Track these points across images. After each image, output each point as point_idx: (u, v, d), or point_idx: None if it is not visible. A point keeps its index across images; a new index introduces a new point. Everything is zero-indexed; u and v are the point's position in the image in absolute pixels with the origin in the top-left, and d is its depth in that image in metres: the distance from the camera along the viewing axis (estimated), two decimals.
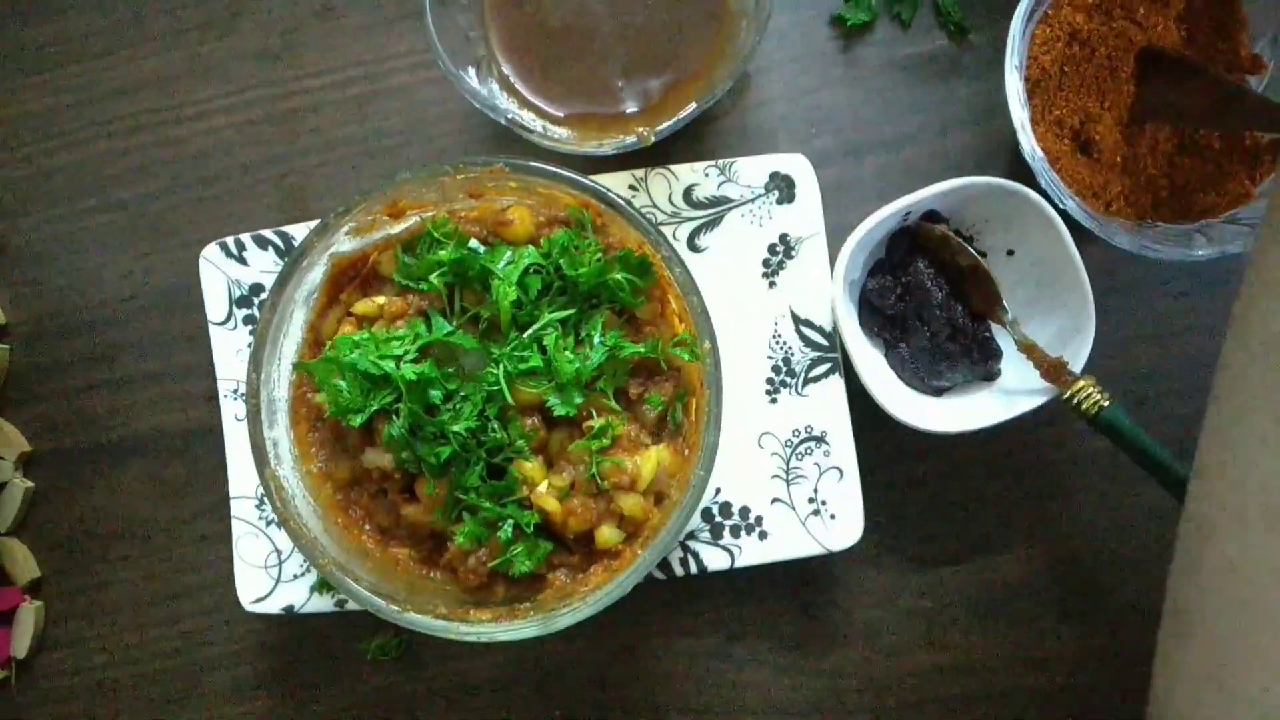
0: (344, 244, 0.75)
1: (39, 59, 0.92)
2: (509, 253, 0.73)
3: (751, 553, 0.80)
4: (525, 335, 0.72)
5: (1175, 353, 0.86)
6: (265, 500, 0.82)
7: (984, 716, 0.85)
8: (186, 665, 0.88)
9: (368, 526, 0.76)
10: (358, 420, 0.71)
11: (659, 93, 0.81)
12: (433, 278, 0.73)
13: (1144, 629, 0.84)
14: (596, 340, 0.72)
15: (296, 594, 0.82)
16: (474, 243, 0.74)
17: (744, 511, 0.81)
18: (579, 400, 0.71)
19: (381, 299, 0.75)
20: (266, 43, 0.91)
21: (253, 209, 0.90)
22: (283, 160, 0.90)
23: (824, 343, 0.82)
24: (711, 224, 0.83)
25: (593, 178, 0.72)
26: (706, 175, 0.82)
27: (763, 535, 0.80)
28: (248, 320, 0.84)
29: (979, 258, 0.80)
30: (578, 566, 0.74)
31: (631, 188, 0.82)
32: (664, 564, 0.80)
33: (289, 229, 0.84)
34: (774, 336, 0.83)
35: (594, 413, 0.73)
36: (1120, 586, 0.85)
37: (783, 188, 0.82)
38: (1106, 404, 0.74)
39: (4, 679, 0.87)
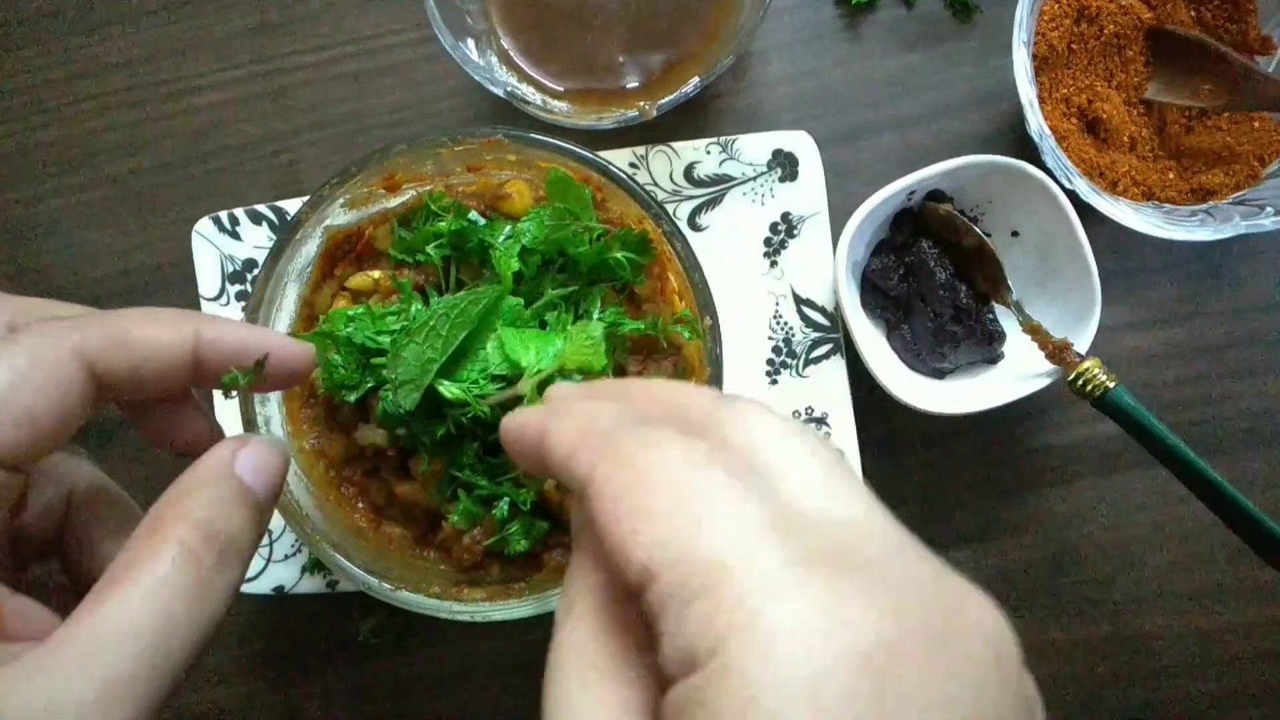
0: (339, 217, 0.73)
1: (28, 32, 0.90)
2: (508, 227, 0.72)
3: None
4: (527, 311, 0.71)
5: (1181, 335, 0.85)
6: None
7: None
8: None
9: (361, 505, 0.75)
10: (353, 397, 0.70)
11: (660, 68, 0.80)
12: (430, 249, 0.72)
13: (1146, 615, 0.84)
14: (595, 317, 0.71)
15: (287, 574, 0.80)
16: (474, 214, 0.73)
17: None
18: (578, 378, 0.70)
19: (377, 273, 0.74)
20: (261, 17, 0.90)
21: (246, 186, 0.89)
22: (277, 137, 0.89)
23: (826, 323, 0.81)
24: (713, 202, 0.82)
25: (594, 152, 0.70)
26: (708, 153, 0.81)
27: None
28: (240, 296, 0.82)
29: (984, 238, 0.79)
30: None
31: (632, 165, 0.81)
32: None
33: (283, 204, 0.82)
34: (775, 317, 0.81)
35: None
36: (1122, 573, 0.84)
37: (785, 166, 0.81)
38: (1111, 385, 0.73)
39: None
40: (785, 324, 0.81)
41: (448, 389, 0.66)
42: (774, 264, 0.82)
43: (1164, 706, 0.83)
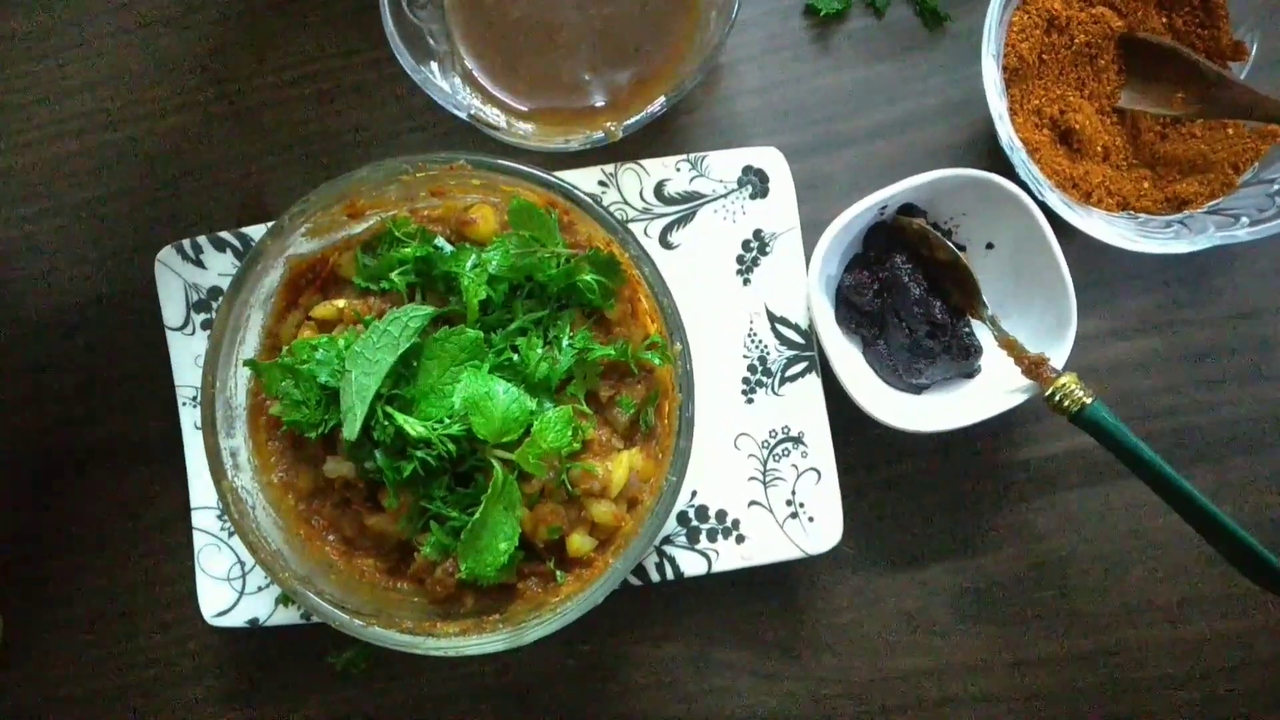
0: (301, 245, 0.72)
1: None
2: (474, 255, 0.71)
3: (729, 557, 0.78)
4: (496, 335, 0.70)
5: (1158, 347, 0.84)
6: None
7: (967, 719, 0.83)
8: (150, 680, 0.85)
9: (331, 537, 0.74)
10: (314, 434, 0.69)
11: (627, 86, 0.79)
12: (394, 275, 0.70)
13: (1125, 627, 0.83)
14: (565, 343, 0.70)
15: (261, 607, 0.79)
16: (440, 240, 0.72)
17: (721, 515, 0.79)
18: (549, 404, 0.69)
19: (341, 302, 0.73)
20: (223, 39, 0.88)
21: (211, 210, 0.87)
22: (241, 160, 0.87)
23: (800, 341, 0.80)
24: (684, 220, 0.81)
25: (560, 173, 0.69)
26: (678, 170, 0.80)
27: (740, 539, 0.78)
28: (206, 325, 0.81)
29: (958, 252, 0.78)
30: (549, 575, 0.71)
31: (601, 184, 0.80)
32: (640, 569, 0.78)
33: (247, 230, 0.81)
34: (749, 335, 0.80)
35: None
36: (1102, 585, 0.83)
37: (756, 182, 0.80)
38: (1089, 401, 0.72)
39: None
40: (760, 342, 0.80)
41: (412, 426, 0.65)
42: (747, 281, 0.81)
43: (1146, 717, 0.83)
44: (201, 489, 0.80)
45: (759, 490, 0.79)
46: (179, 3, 0.88)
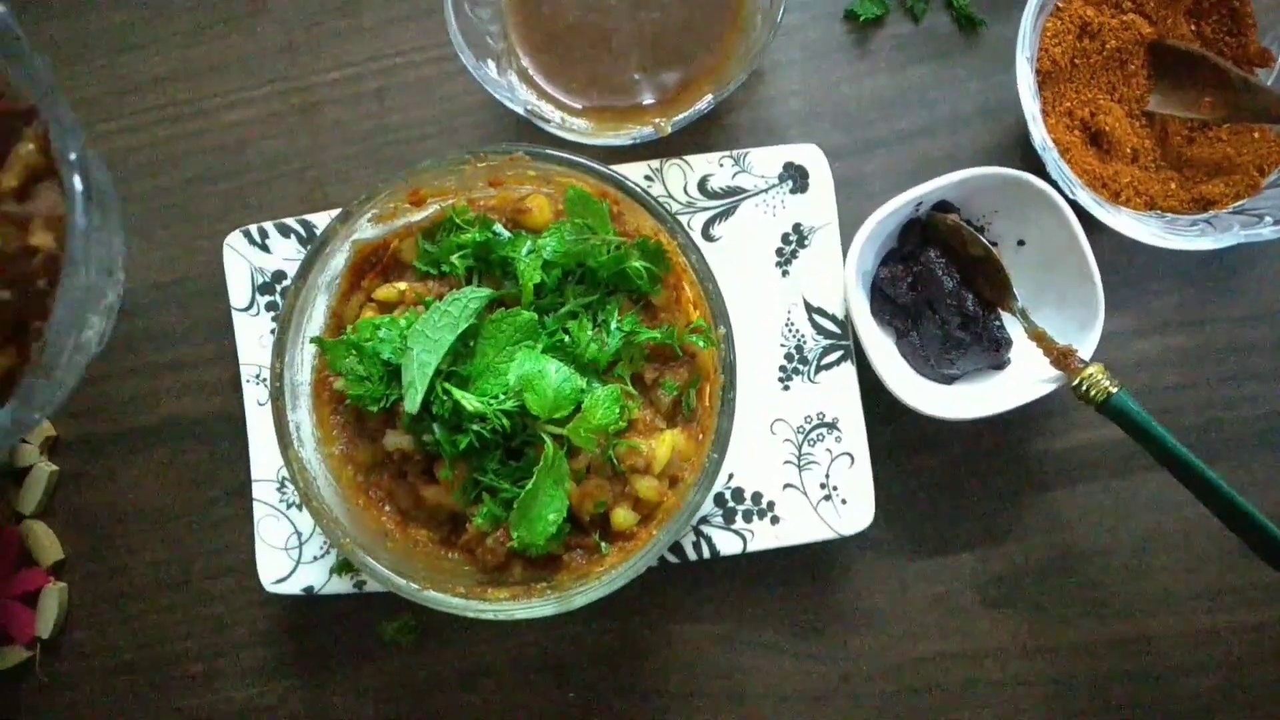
0: (366, 231, 0.76)
1: (61, 53, 0.93)
2: (530, 241, 0.75)
3: (763, 537, 0.81)
4: (549, 318, 0.74)
5: (1184, 342, 0.87)
6: (286, 483, 0.83)
7: (993, 703, 0.85)
8: (207, 647, 0.89)
9: (388, 508, 0.78)
10: (376, 408, 0.73)
11: (675, 86, 0.83)
12: (455, 259, 0.74)
13: (1150, 616, 0.86)
14: (613, 326, 0.74)
15: (316, 575, 0.83)
16: (498, 226, 0.76)
17: (756, 496, 0.82)
18: (597, 385, 0.73)
19: (403, 285, 0.77)
20: (288, 37, 0.93)
21: (274, 201, 0.92)
22: (304, 153, 0.92)
23: (836, 331, 0.83)
24: (726, 214, 0.84)
25: (610, 167, 0.73)
26: (721, 166, 0.84)
27: (774, 520, 0.82)
28: (270, 307, 0.85)
29: (990, 247, 0.81)
30: (594, 547, 0.75)
31: (647, 178, 0.84)
32: (677, 547, 0.82)
33: (310, 217, 0.85)
34: (787, 324, 0.84)
35: None
36: (1128, 574, 0.86)
37: (796, 178, 0.83)
38: (1114, 390, 0.75)
39: (29, 659, 0.89)
40: (797, 331, 0.84)
41: (468, 401, 0.69)
42: (786, 273, 0.84)
43: (1169, 705, 0.85)
44: (262, 462, 0.84)
45: (794, 473, 0.82)
46: (245, 3, 0.93)
